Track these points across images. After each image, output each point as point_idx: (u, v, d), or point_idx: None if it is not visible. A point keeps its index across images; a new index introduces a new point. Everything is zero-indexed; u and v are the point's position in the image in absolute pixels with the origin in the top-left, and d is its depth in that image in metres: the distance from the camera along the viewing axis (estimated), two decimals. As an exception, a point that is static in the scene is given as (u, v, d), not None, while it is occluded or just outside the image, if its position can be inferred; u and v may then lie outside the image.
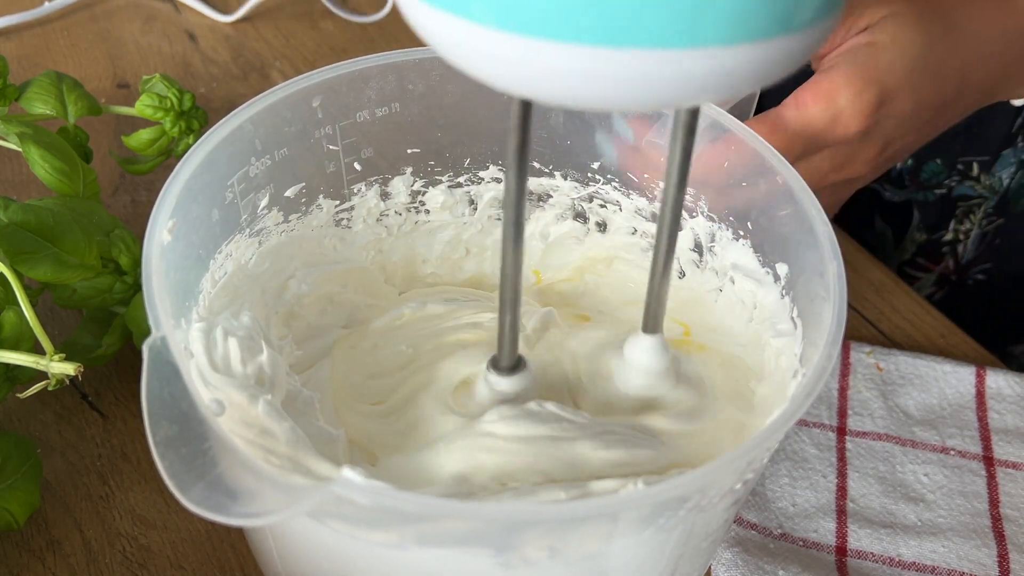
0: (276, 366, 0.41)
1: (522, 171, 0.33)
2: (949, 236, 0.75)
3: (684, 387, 0.43)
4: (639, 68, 0.25)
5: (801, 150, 0.47)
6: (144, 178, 0.65)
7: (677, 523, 0.36)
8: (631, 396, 0.43)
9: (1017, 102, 0.60)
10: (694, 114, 0.33)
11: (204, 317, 0.41)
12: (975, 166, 0.70)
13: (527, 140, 0.32)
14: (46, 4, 0.80)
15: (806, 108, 0.47)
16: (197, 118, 0.62)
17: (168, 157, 0.63)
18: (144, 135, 0.62)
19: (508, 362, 0.40)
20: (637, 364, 0.42)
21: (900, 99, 0.48)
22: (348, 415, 0.44)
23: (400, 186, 0.50)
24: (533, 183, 0.51)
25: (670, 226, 0.37)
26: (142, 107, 0.61)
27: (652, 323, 0.40)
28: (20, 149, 0.53)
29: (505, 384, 0.40)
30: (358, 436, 0.43)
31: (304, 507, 0.30)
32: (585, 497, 0.37)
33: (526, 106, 0.31)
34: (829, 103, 0.47)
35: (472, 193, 0.52)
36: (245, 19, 0.81)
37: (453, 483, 0.38)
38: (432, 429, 0.42)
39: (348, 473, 0.31)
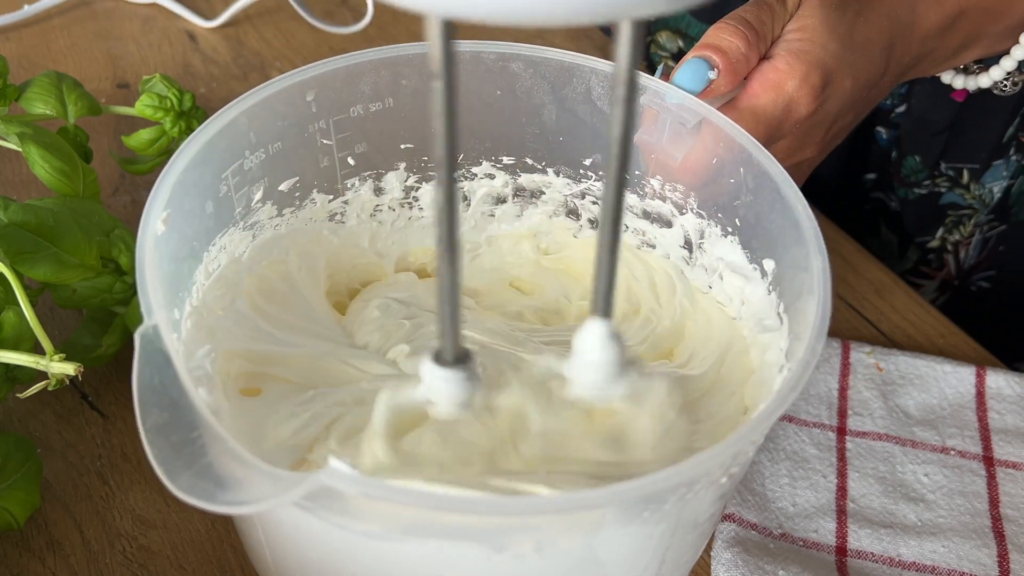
0: None
1: (452, 121, 0.30)
2: (935, 243, 0.75)
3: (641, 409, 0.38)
4: None
5: (764, 141, 0.48)
6: (144, 178, 0.65)
7: (663, 517, 0.36)
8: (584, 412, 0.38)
9: (945, 77, 0.61)
10: (639, 27, 0.28)
11: (196, 307, 0.42)
12: (965, 173, 0.70)
13: (455, 81, 0.29)
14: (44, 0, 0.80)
15: (758, 99, 0.48)
16: (197, 118, 0.62)
17: (168, 157, 0.63)
18: (144, 135, 0.62)
19: (453, 354, 0.33)
20: (588, 357, 0.34)
21: (840, 78, 0.49)
22: None
23: (394, 181, 0.50)
24: (526, 179, 0.52)
25: (616, 184, 0.30)
26: (142, 107, 0.61)
27: (604, 305, 0.33)
28: (20, 149, 0.53)
29: (448, 377, 0.34)
30: None
31: (291, 496, 0.31)
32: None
33: (448, 28, 0.28)
34: (779, 92, 0.48)
35: (465, 189, 0.52)
36: (244, 20, 0.81)
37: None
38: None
39: (335, 463, 0.31)
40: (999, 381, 0.56)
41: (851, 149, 0.73)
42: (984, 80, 0.60)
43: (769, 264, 0.44)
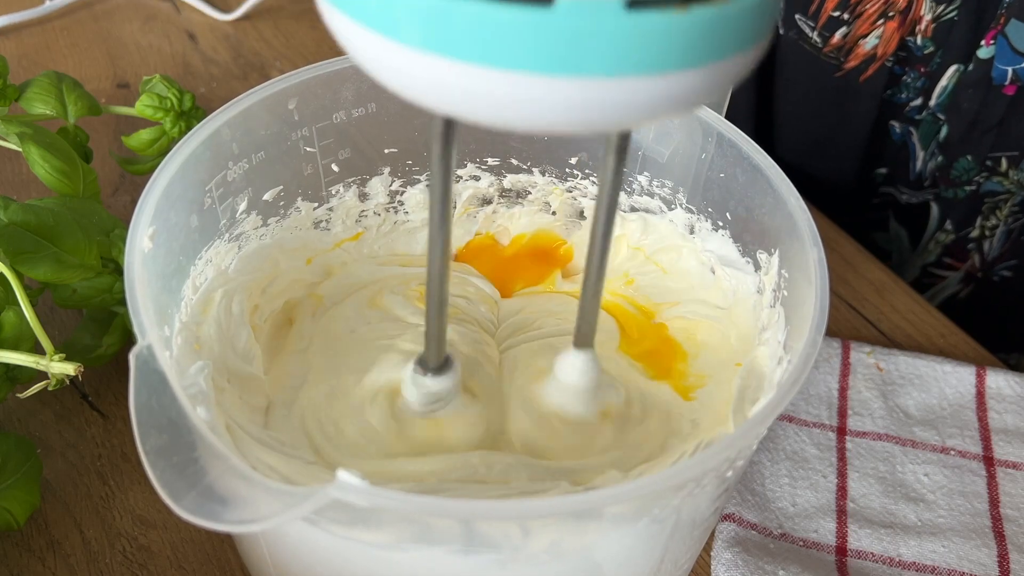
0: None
1: (446, 183, 0.33)
2: (976, 232, 0.75)
3: (610, 424, 0.42)
4: (564, 94, 0.25)
5: None
6: (144, 178, 0.65)
7: (671, 512, 0.36)
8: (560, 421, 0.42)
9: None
10: (624, 137, 0.33)
11: (186, 323, 0.41)
12: (1004, 161, 0.71)
13: (451, 153, 0.32)
14: (47, 3, 0.80)
15: None
16: (197, 118, 0.62)
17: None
18: (144, 135, 0.62)
19: (435, 363, 0.39)
20: (563, 380, 0.41)
21: None
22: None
23: (378, 186, 0.50)
24: (511, 179, 0.51)
25: (602, 240, 0.36)
26: (142, 107, 0.61)
27: (582, 338, 0.39)
28: (20, 149, 0.53)
29: (431, 384, 0.39)
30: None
31: (299, 512, 0.30)
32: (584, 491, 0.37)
33: (448, 123, 0.32)
34: None
35: None
36: (245, 18, 0.81)
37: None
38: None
39: (344, 476, 0.30)
40: (999, 381, 0.56)
41: (867, 144, 0.73)
42: None
43: (763, 257, 0.44)
